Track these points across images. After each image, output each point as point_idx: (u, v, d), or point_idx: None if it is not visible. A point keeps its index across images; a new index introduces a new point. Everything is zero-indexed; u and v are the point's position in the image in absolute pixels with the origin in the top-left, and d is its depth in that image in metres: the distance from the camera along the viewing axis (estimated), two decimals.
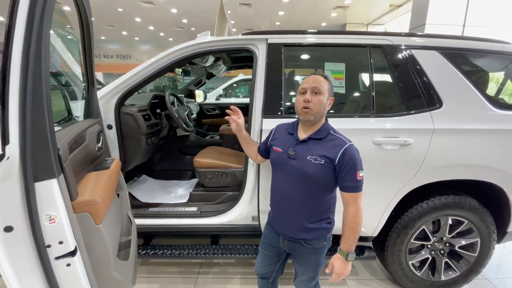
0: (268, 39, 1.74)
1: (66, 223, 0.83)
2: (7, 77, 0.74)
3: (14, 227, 0.78)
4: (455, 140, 1.64)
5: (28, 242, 0.81)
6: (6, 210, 0.77)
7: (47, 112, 0.79)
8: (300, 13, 9.48)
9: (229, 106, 1.54)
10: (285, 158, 1.19)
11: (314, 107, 1.13)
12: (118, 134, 1.81)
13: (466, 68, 1.80)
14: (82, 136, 1.14)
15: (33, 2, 0.72)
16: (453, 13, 5.20)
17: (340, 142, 1.14)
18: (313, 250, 1.24)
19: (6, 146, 0.74)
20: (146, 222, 1.84)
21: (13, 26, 0.71)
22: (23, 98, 0.75)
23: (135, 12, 10.14)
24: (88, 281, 0.91)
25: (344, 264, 1.14)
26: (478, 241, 1.81)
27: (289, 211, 1.22)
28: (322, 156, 1.12)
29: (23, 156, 0.76)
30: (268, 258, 1.40)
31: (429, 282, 1.89)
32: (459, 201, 1.73)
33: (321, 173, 1.12)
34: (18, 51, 0.74)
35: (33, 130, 0.76)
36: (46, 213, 0.80)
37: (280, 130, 1.33)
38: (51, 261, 0.84)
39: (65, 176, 0.86)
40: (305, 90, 1.15)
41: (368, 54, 1.73)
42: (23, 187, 0.77)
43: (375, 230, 1.81)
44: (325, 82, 1.16)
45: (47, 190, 0.80)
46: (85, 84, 1.45)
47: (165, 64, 1.79)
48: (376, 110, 1.69)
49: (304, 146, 1.18)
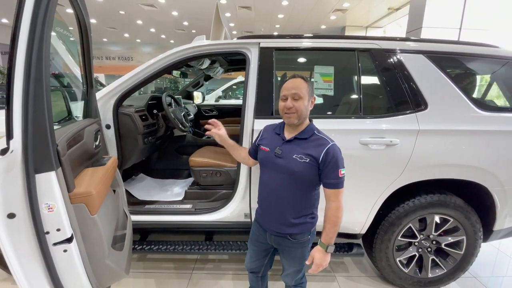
0: (260, 43, 1.82)
1: (63, 212, 0.90)
2: (11, 80, 0.83)
3: (17, 214, 0.86)
4: (439, 140, 1.70)
5: (28, 229, 0.88)
6: (10, 198, 0.85)
7: (47, 111, 0.87)
8: (299, 15, 9.58)
9: (226, 107, 1.62)
10: (272, 156, 1.26)
11: (296, 111, 1.19)
12: (116, 134, 1.89)
13: (451, 71, 1.86)
14: (80, 134, 1.21)
15: (35, 14, 0.81)
16: (450, 16, 5.27)
17: (324, 142, 1.21)
18: (298, 244, 1.31)
19: (11, 140, 0.83)
20: (143, 218, 1.91)
21: (17, 35, 0.81)
22: (25, 98, 0.83)
23: (137, 15, 10.27)
24: (84, 267, 0.98)
25: (324, 255, 1.20)
26: (464, 239, 1.86)
27: (276, 207, 1.28)
28: (307, 154, 1.19)
29: (25, 150, 0.84)
30: (256, 253, 1.46)
31: (416, 279, 1.94)
32: (444, 199, 1.78)
33: (306, 170, 1.19)
34: (21, 58, 0.83)
35: (34, 126, 0.85)
36: (45, 202, 0.88)
37: (268, 131, 1.39)
38: (49, 246, 0.91)
39: (63, 170, 0.94)
40: (286, 97, 1.21)
41: (356, 57, 1.80)
42: (25, 178, 0.85)
43: (363, 227, 1.87)
44: (304, 85, 1.21)
45: (46, 181, 0.88)
46: (84, 85, 1.52)
47: (161, 66, 1.87)
48: (363, 112, 1.75)
49: (290, 145, 1.24)
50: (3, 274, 2.00)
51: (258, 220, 1.40)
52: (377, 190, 1.76)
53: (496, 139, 1.72)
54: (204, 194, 2.13)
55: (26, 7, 0.82)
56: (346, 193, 1.74)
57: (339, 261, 2.32)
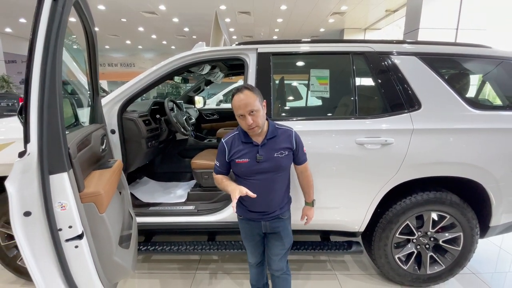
0: (258, 48, 1.89)
1: (75, 210, 0.97)
2: (29, 90, 0.92)
3: (32, 212, 0.94)
4: (433, 139, 1.75)
5: (43, 226, 0.95)
6: (26, 197, 0.93)
7: (60, 118, 0.96)
8: (298, 20, 9.70)
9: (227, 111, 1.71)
10: (255, 164, 1.35)
11: (258, 124, 1.29)
12: (120, 138, 1.96)
13: (444, 72, 1.92)
14: (88, 139, 1.29)
15: (48, 31, 0.90)
16: (446, 17, 5.32)
17: (288, 132, 1.42)
18: (287, 220, 1.52)
19: (28, 144, 0.90)
20: (147, 220, 1.97)
21: (34, 50, 0.89)
22: (41, 105, 0.93)
23: (138, 22, 10.45)
24: (93, 262, 1.05)
25: (312, 210, 1.61)
26: (461, 235, 1.90)
27: (269, 200, 1.43)
28: (285, 148, 1.38)
29: (41, 153, 0.92)
30: (255, 246, 1.57)
31: (415, 275, 1.97)
32: (440, 196, 1.83)
33: (288, 161, 1.42)
34: (37, 70, 0.93)
35: (48, 131, 0.93)
36: (58, 201, 0.95)
37: (234, 144, 1.40)
38: (62, 242, 0.98)
39: (74, 171, 1.01)
40: (243, 115, 1.27)
41: (351, 60, 1.86)
42: (40, 178, 0.92)
43: (361, 225, 1.91)
44: (253, 96, 1.27)
45: (59, 182, 0.95)
46: (90, 92, 1.60)
47: (163, 73, 1.94)
48: (358, 112, 1.81)
49: (266, 148, 1.37)
50: (12, 277, 2.06)
51: (248, 217, 1.49)
52: (374, 189, 1.80)
53: (489, 137, 1.76)
54: (206, 195, 2.19)
55: (41, 25, 0.92)
56: (344, 192, 1.82)
57: (340, 259, 2.36)
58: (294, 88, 2.83)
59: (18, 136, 1.73)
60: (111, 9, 8.63)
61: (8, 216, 1.84)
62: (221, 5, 8.28)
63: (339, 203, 1.85)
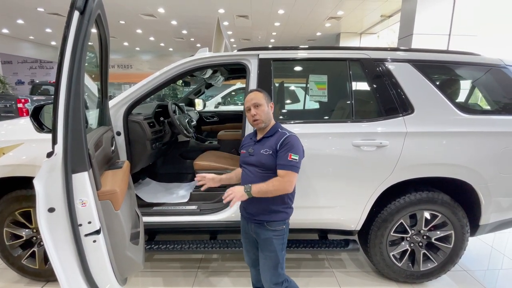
0: (259, 54, 1.97)
1: (94, 207, 1.04)
2: (58, 96, 1.01)
3: (56, 208, 1.00)
4: (426, 141, 1.85)
5: (65, 221, 1.02)
6: (51, 195, 1.00)
7: (82, 122, 1.04)
8: (295, 24, 9.83)
9: (227, 113, 1.78)
10: (247, 156, 1.51)
11: (260, 117, 1.43)
12: (126, 140, 2.02)
13: (436, 77, 2.03)
14: (100, 141, 1.36)
15: (75, 42, 0.98)
16: (439, 23, 5.47)
17: (282, 135, 1.43)
18: (274, 232, 1.44)
19: (55, 145, 0.97)
20: (150, 219, 2.02)
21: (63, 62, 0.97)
22: (66, 111, 1.01)
23: (137, 24, 10.49)
24: (109, 256, 1.11)
25: (240, 189, 1.34)
26: (453, 233, 1.99)
27: (254, 198, 1.39)
28: (270, 147, 1.43)
29: (65, 153, 0.99)
30: (248, 245, 1.62)
31: (409, 272, 2.06)
32: (432, 196, 1.92)
33: (270, 160, 1.41)
34: (65, 77, 1.01)
35: (73, 133, 0.99)
36: (80, 198, 1.02)
37: (246, 139, 1.63)
38: (81, 237, 1.05)
39: (93, 170, 1.08)
40: (249, 108, 1.45)
41: (348, 66, 1.96)
42: (64, 177, 0.99)
43: (358, 224, 2.00)
44: (260, 95, 1.46)
45: (81, 180, 1.03)
46: (99, 95, 1.67)
47: (168, 77, 2.01)
48: (355, 116, 1.90)
49: (259, 144, 1.49)
50: (16, 277, 2.10)
51: (242, 213, 1.57)
52: (370, 189, 1.89)
53: (478, 140, 1.87)
54: (208, 195, 2.26)
55: (70, 35, 1.01)
56: (341, 192, 1.90)
57: (337, 257, 2.44)
58: (293, 92, 2.92)
59: (26, 138, 1.80)
60: (110, 11, 8.64)
61: (13, 216, 1.90)
62: (220, 9, 8.38)
63: (336, 202, 1.93)
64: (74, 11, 1.00)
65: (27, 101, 7.21)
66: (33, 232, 1.93)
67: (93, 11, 1.08)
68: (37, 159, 1.69)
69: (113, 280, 1.14)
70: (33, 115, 1.43)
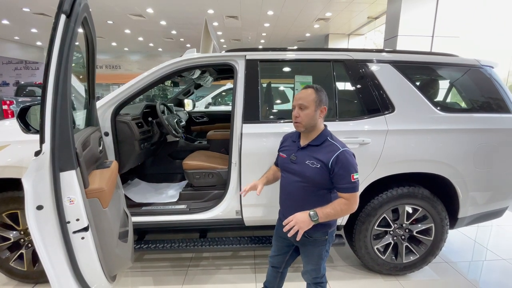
0: (246, 55, 2.02)
1: (81, 204, 1.07)
2: (46, 96, 1.03)
3: (44, 206, 1.02)
4: (406, 139, 1.94)
5: (53, 218, 1.04)
6: (39, 193, 1.01)
7: (70, 121, 1.06)
8: (284, 25, 9.93)
9: (216, 113, 1.79)
10: (288, 162, 1.39)
11: (302, 121, 1.30)
12: (114, 140, 2.03)
13: (416, 78, 2.12)
14: (88, 140, 1.37)
15: (62, 44, 1.00)
16: (423, 24, 5.65)
17: (334, 148, 1.28)
18: (315, 242, 1.39)
19: (43, 144, 0.99)
20: (140, 219, 2.04)
21: (50, 61, 0.98)
22: (54, 111, 1.02)
23: (125, 25, 10.37)
24: (97, 253, 1.13)
25: (303, 215, 1.23)
26: (433, 226, 2.09)
27: (293, 208, 1.35)
28: (318, 160, 1.28)
29: (53, 152, 1.01)
30: (279, 248, 1.58)
31: (392, 264, 2.15)
32: (413, 191, 2.01)
33: (317, 175, 1.29)
34: (52, 77, 1.02)
35: (60, 133, 1.02)
36: (68, 196, 1.04)
37: (286, 139, 1.51)
38: (70, 234, 1.07)
39: (80, 169, 1.10)
40: (294, 107, 1.33)
41: (331, 67, 2.03)
42: (52, 175, 1.01)
43: (343, 219, 2.07)
44: (312, 95, 1.30)
45: (69, 178, 1.05)
46: (86, 96, 1.68)
47: (156, 77, 2.03)
48: (338, 115, 1.97)
49: (304, 152, 1.35)
50: (3, 279, 2.08)
51: (280, 218, 1.50)
52: None
53: (455, 137, 1.97)
54: (198, 194, 2.29)
55: (57, 38, 1.02)
56: None
57: None
58: (280, 92, 2.98)
59: (13, 139, 1.79)
60: (97, 11, 8.55)
61: (1, 218, 1.88)
62: (209, 9, 8.38)
63: None
64: (60, 14, 1.02)
65: (12, 102, 7.05)
66: (20, 234, 1.92)
67: (79, 15, 1.10)
68: (24, 160, 1.69)
69: (102, 277, 1.16)
70: (19, 116, 1.44)
